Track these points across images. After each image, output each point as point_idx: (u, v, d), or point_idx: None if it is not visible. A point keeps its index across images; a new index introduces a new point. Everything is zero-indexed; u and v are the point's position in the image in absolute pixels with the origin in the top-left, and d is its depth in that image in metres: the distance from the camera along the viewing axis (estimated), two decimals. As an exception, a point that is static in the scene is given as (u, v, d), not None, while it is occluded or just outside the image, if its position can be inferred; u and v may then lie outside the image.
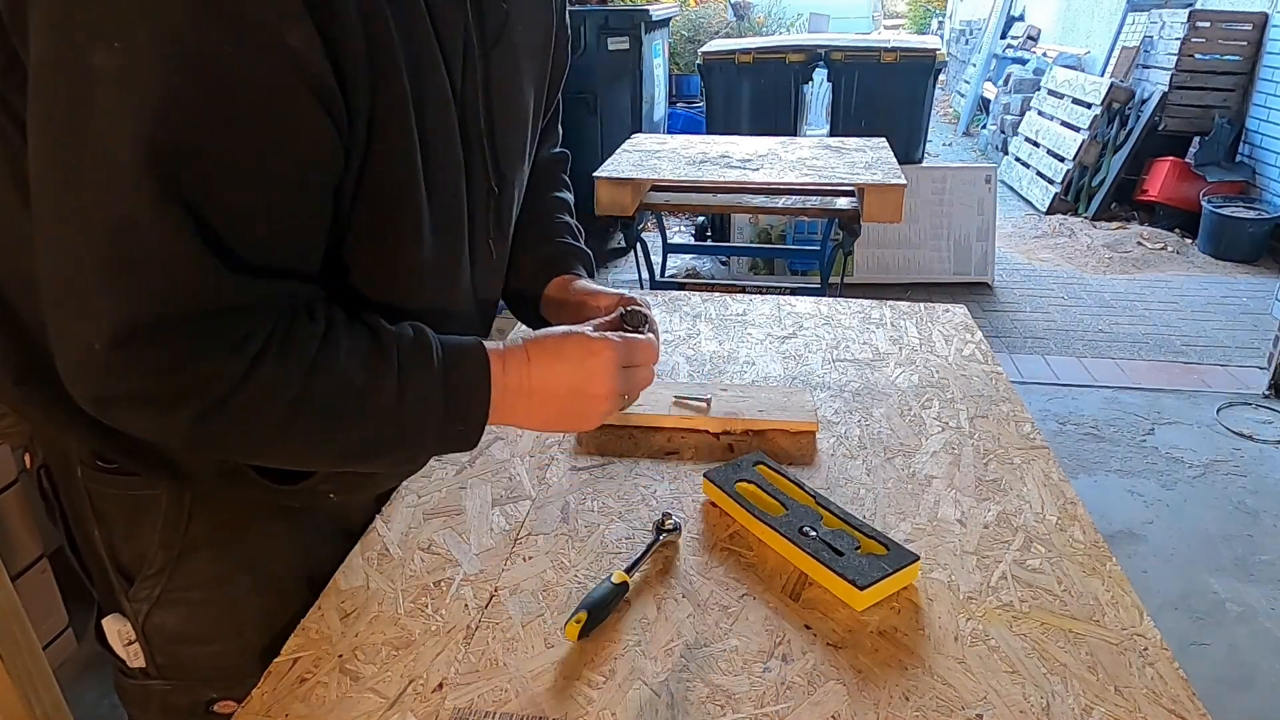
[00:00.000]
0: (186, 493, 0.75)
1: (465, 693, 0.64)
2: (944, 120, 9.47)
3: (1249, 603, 2.19)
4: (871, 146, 2.93)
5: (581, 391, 0.69)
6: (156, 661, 0.80)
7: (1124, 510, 2.57)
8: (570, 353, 0.69)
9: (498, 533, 0.82)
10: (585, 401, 0.70)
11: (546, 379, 0.68)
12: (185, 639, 0.80)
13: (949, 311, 1.35)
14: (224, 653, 0.80)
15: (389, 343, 0.63)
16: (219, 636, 0.80)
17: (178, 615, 0.78)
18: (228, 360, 0.55)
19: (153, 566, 0.77)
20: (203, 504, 0.76)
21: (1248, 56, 5.17)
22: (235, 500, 0.78)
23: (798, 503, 0.82)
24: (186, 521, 0.76)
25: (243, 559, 0.80)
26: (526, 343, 0.69)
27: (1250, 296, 4.31)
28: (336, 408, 0.60)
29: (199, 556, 0.77)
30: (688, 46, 7.40)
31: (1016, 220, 5.67)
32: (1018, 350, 3.71)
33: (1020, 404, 1.06)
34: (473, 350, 0.66)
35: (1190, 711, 0.62)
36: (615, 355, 0.69)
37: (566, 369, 0.68)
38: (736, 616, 0.71)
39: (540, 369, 0.68)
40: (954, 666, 0.66)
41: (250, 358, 0.55)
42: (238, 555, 0.79)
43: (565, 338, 0.70)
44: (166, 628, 0.79)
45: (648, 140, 3.12)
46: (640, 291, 1.41)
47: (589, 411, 0.71)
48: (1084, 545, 0.80)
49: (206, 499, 0.76)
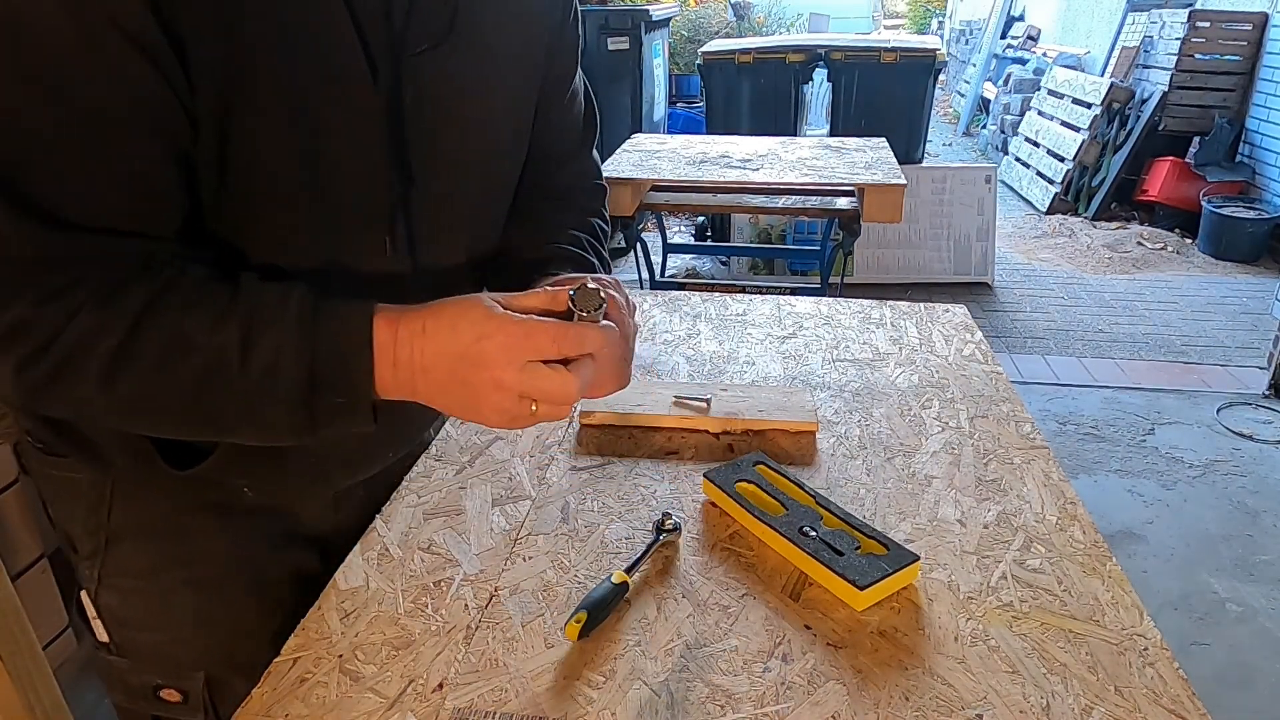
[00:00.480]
0: (108, 479, 0.77)
1: (465, 693, 0.64)
2: (944, 120, 9.47)
3: (1249, 603, 2.19)
4: (871, 146, 2.94)
5: (465, 380, 0.58)
6: (114, 639, 0.82)
7: (1124, 510, 2.57)
8: (464, 329, 0.58)
9: (498, 533, 0.82)
10: (472, 392, 0.59)
11: (438, 356, 0.58)
12: (127, 623, 0.82)
13: (949, 311, 1.35)
14: (161, 643, 0.82)
15: (242, 301, 0.58)
16: (154, 626, 0.81)
17: (117, 598, 0.80)
18: (45, 308, 0.55)
19: (85, 549, 0.80)
20: (125, 492, 0.77)
21: (1248, 56, 5.17)
22: (158, 490, 0.77)
23: (798, 503, 0.82)
24: (109, 508, 0.77)
25: (173, 553, 0.80)
26: (425, 309, 0.60)
27: (1250, 296, 4.31)
28: (170, 364, 0.57)
29: (125, 545, 0.79)
30: (688, 46, 7.40)
31: (1016, 220, 5.67)
32: (1018, 350, 3.71)
33: (1020, 404, 1.06)
34: (353, 314, 0.59)
35: (1190, 711, 0.62)
36: (512, 342, 0.57)
37: (456, 349, 0.58)
38: (736, 616, 0.71)
39: (434, 343, 0.58)
40: (954, 666, 0.66)
41: (71, 307, 0.55)
42: (168, 548, 0.80)
43: (464, 310, 0.59)
44: (112, 608, 0.81)
45: (648, 140, 3.12)
46: (640, 292, 1.41)
47: (480, 405, 0.60)
48: (1084, 545, 0.80)
49: (129, 486, 0.77)
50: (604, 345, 0.61)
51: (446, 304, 0.60)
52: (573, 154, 0.92)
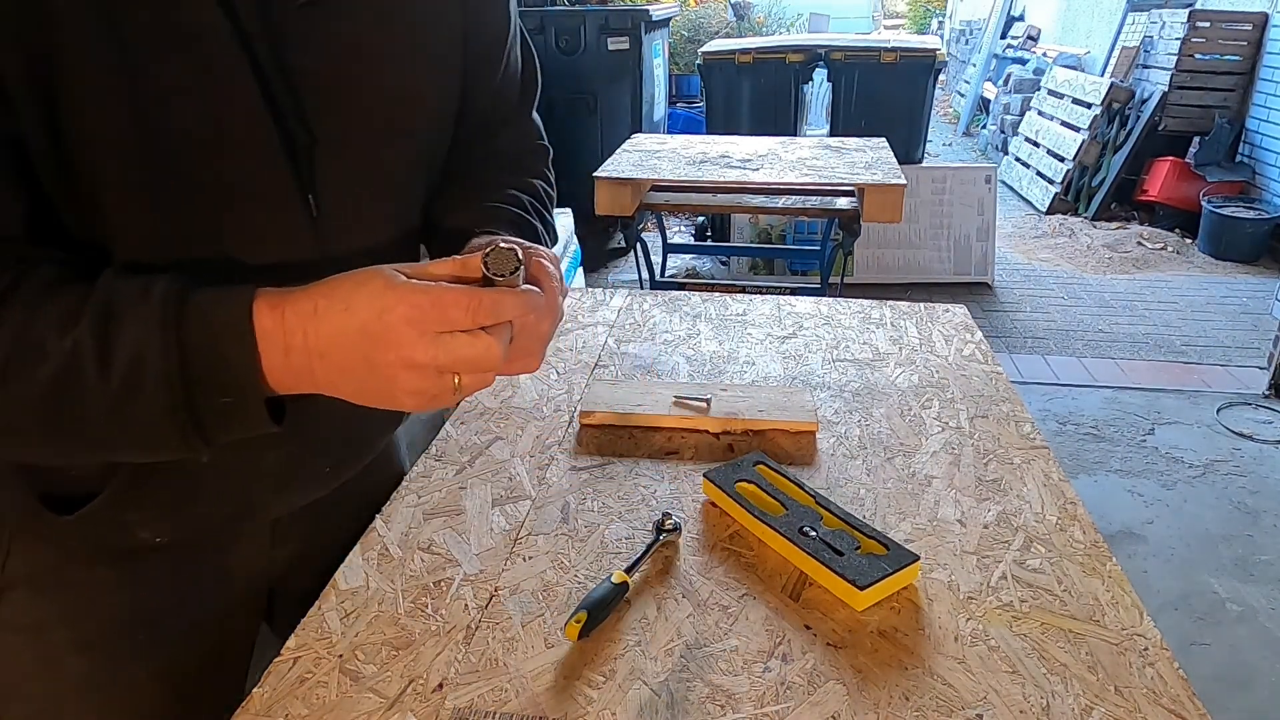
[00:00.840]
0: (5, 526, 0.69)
1: (465, 693, 0.64)
2: (944, 120, 9.47)
3: (1249, 603, 2.19)
4: (871, 146, 2.93)
5: (371, 362, 0.51)
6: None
7: (1124, 510, 2.57)
8: (361, 304, 0.51)
9: (498, 533, 0.82)
10: (381, 375, 0.52)
11: (336, 338, 0.51)
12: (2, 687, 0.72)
13: (949, 311, 1.35)
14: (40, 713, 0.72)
15: (97, 297, 0.51)
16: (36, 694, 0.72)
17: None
18: None
19: None
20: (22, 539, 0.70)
21: (1248, 56, 5.17)
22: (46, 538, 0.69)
23: (798, 503, 0.82)
24: (5, 556, 0.69)
25: (62, 608, 0.71)
26: (316, 287, 0.53)
27: (1250, 296, 4.31)
28: (18, 376, 0.50)
29: (14, 596, 0.70)
30: (688, 46, 7.40)
31: (1016, 220, 5.67)
32: (1018, 350, 3.71)
33: (1020, 404, 1.06)
34: (228, 299, 0.52)
35: (1190, 711, 0.62)
36: (419, 314, 0.50)
37: (356, 326, 0.51)
38: (736, 616, 0.71)
39: (329, 324, 0.51)
40: (954, 666, 0.66)
41: None
42: (57, 602, 0.70)
43: (361, 283, 0.52)
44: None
45: (648, 140, 3.12)
46: (640, 292, 1.41)
47: (392, 389, 0.53)
48: (1084, 545, 0.80)
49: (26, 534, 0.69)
50: (524, 311, 0.54)
51: (341, 279, 0.53)
52: (511, 117, 0.85)
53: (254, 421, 0.54)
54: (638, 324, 1.29)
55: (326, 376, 0.53)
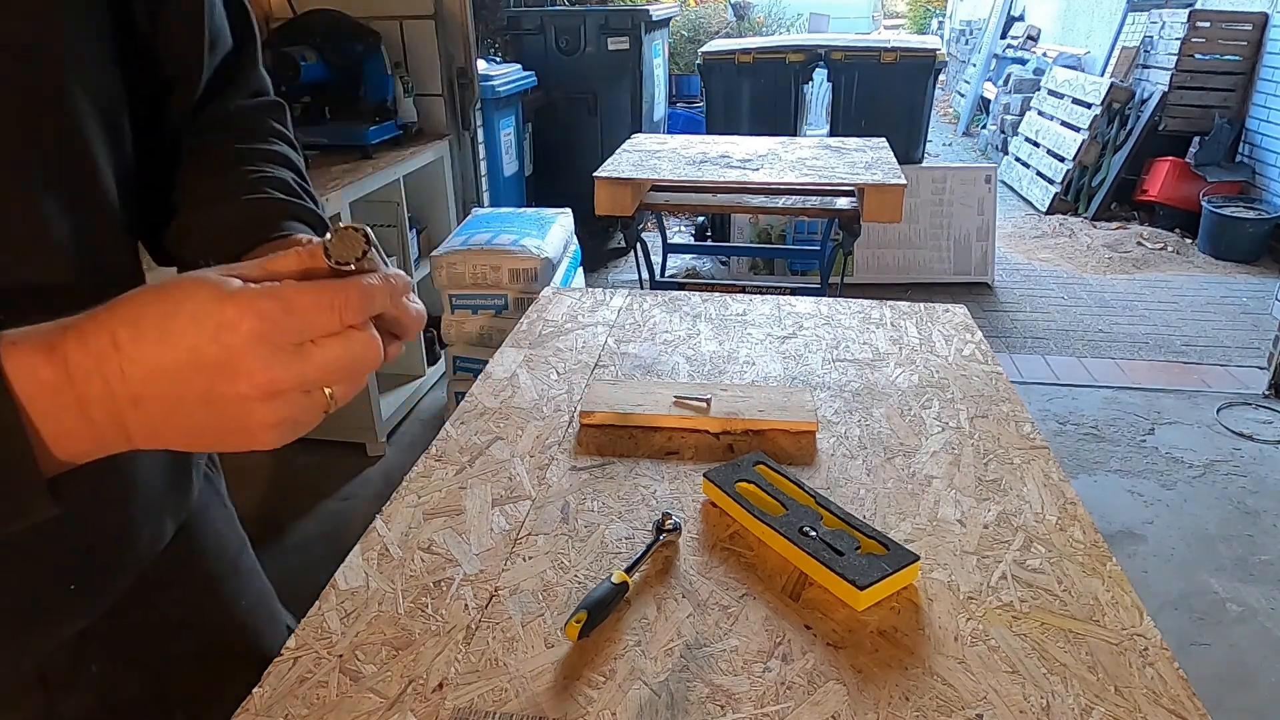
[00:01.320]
0: None
1: (465, 693, 0.64)
2: (944, 120, 9.47)
3: (1249, 603, 2.19)
4: (871, 146, 2.93)
5: (209, 399, 0.40)
6: None
7: (1124, 510, 2.57)
8: (185, 327, 0.38)
9: (498, 533, 0.82)
10: (225, 413, 0.40)
11: (152, 376, 0.39)
12: None
13: (949, 311, 1.35)
14: None
15: None
16: None
17: None
18: None
19: None
20: None
21: (1248, 56, 5.17)
22: None
23: (798, 503, 0.82)
24: None
25: None
26: (106, 312, 0.39)
27: (1250, 296, 4.31)
28: None
29: None
30: (688, 46, 7.40)
31: (1016, 220, 5.67)
32: (1018, 350, 3.71)
33: (1020, 404, 1.06)
34: None
35: (1190, 711, 0.62)
36: (268, 326, 0.39)
37: (181, 358, 0.39)
38: (736, 616, 0.71)
39: (140, 359, 0.39)
40: (954, 666, 0.66)
41: None
42: None
43: (179, 299, 0.39)
44: None
45: (648, 140, 3.12)
46: (640, 292, 1.41)
47: (246, 425, 0.41)
48: (1084, 545, 0.80)
49: None
50: (397, 295, 0.44)
51: (145, 295, 0.40)
52: (231, 74, 0.67)
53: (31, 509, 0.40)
54: (638, 324, 1.29)
55: (145, 428, 0.41)
